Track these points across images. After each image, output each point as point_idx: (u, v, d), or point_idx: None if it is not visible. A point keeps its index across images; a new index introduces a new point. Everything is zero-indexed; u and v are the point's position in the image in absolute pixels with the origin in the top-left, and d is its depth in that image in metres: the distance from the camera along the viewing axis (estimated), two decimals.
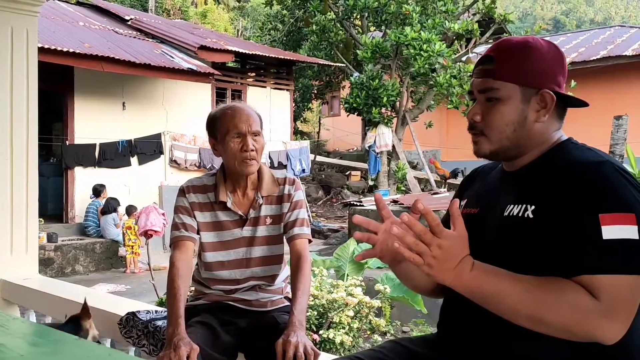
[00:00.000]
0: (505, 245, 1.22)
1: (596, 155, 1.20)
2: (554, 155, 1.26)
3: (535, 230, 1.17)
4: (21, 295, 3.04)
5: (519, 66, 1.27)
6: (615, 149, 7.49)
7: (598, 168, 1.15)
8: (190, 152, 11.20)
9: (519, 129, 1.27)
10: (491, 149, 1.31)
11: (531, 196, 1.22)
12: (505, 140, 1.28)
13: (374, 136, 13.36)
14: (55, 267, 8.84)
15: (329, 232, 12.25)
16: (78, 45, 9.22)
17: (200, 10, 25.21)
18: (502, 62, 1.28)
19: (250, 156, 1.85)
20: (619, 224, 1.09)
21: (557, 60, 1.28)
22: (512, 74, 1.27)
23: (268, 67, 13.19)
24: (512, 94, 1.27)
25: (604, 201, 1.11)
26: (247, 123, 1.86)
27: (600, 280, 1.09)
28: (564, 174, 1.18)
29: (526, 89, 1.26)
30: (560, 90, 1.28)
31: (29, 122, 3.15)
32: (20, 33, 3.12)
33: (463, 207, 1.41)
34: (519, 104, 1.27)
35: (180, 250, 1.88)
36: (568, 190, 1.15)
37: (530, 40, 1.30)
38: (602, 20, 41.73)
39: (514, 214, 1.23)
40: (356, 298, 4.22)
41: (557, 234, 1.14)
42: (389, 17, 12.89)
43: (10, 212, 3.09)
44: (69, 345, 0.96)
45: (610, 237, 1.09)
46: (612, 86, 14.50)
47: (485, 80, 1.29)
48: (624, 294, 1.08)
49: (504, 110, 1.27)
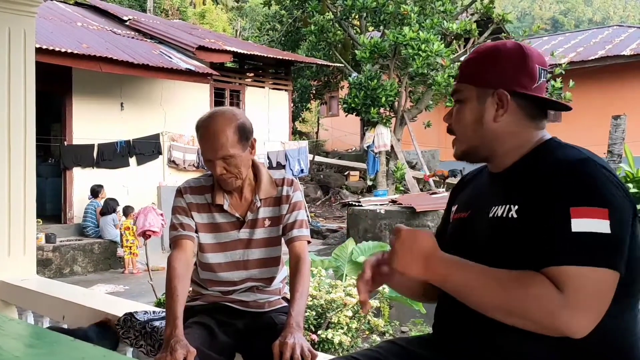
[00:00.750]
0: (493, 246, 1.23)
1: (578, 153, 1.21)
2: (536, 155, 1.28)
3: (519, 230, 1.19)
4: (19, 296, 3.03)
5: (476, 68, 1.33)
6: (614, 149, 7.50)
7: (577, 164, 1.17)
8: (189, 153, 11.19)
9: (478, 129, 1.32)
10: (462, 150, 1.37)
11: (514, 196, 1.23)
12: (470, 140, 1.34)
13: (373, 136, 13.36)
14: (53, 268, 8.82)
15: (327, 232, 12.26)
16: (76, 46, 9.21)
17: (199, 11, 25.20)
18: (464, 66, 1.36)
19: (224, 177, 1.83)
20: (590, 217, 1.10)
21: (519, 62, 1.30)
22: (470, 76, 1.33)
23: (266, 68, 13.19)
24: (470, 95, 1.33)
25: (577, 195, 1.12)
26: (213, 149, 1.79)
27: (565, 271, 1.09)
28: (545, 173, 1.19)
29: (481, 89, 1.31)
30: (525, 91, 1.28)
31: (26, 122, 3.15)
32: (18, 34, 3.12)
33: (454, 212, 1.44)
34: (475, 105, 1.32)
35: (179, 250, 1.87)
36: (547, 187, 1.16)
37: (499, 44, 1.34)
38: (601, 19, 41.78)
39: (498, 214, 1.25)
40: (355, 298, 4.22)
41: (537, 231, 1.15)
42: (388, 17, 12.90)
43: (8, 213, 3.09)
44: (65, 346, 0.96)
45: (578, 230, 1.09)
46: (610, 86, 14.52)
47: (455, 84, 1.38)
48: (589, 287, 1.08)
49: (464, 111, 1.34)
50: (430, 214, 8.73)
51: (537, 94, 1.30)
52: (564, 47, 16.34)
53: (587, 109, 14.15)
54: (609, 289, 1.10)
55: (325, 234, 12.16)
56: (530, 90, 1.29)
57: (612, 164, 7.28)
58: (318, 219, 13.80)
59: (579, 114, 14.87)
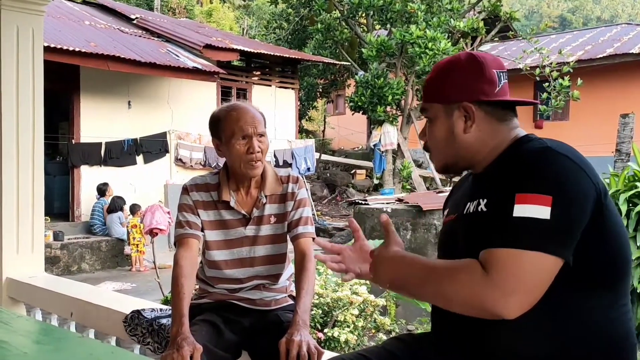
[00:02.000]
0: (470, 242, 1.26)
1: (538, 144, 1.24)
2: (507, 153, 1.31)
3: (487, 222, 1.21)
4: (27, 293, 3.05)
5: (438, 86, 1.38)
6: (622, 147, 7.46)
7: (532, 154, 1.20)
8: (196, 151, 11.21)
9: (451, 143, 1.36)
10: (441, 165, 1.43)
11: (484, 191, 1.27)
12: (446, 154, 1.39)
13: (379, 135, 13.35)
14: (61, 266, 8.87)
15: (334, 230, 12.26)
16: (84, 44, 9.25)
17: (206, 9, 25.24)
18: (427, 85, 1.41)
19: (257, 158, 1.84)
20: (532, 203, 1.13)
21: (476, 72, 1.33)
22: (433, 95, 1.38)
23: (273, 66, 13.19)
24: (437, 113, 1.38)
25: (524, 182, 1.16)
26: (253, 125, 1.84)
27: (496, 253, 1.13)
28: (507, 166, 1.23)
29: (447, 105, 1.35)
30: (489, 97, 1.32)
31: (35, 121, 3.16)
32: (26, 32, 3.13)
33: (445, 217, 1.49)
34: (444, 121, 1.36)
35: (184, 248, 1.88)
36: (505, 178, 1.20)
37: (453, 58, 1.39)
38: (609, 17, 41.52)
39: (470, 210, 1.29)
40: (361, 296, 4.22)
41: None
42: (394, 16, 12.87)
43: (16, 211, 3.10)
44: (72, 343, 0.96)
45: (518, 215, 1.13)
46: (618, 84, 14.42)
47: (422, 103, 1.42)
48: (518, 268, 1.11)
49: (435, 128, 1.39)
50: (436, 212, 8.70)
51: (501, 97, 1.33)
52: (572, 45, 16.25)
53: (595, 108, 14.07)
54: (542, 273, 1.12)
55: (331, 232, 12.16)
56: (493, 96, 1.32)
57: (620, 162, 7.24)
58: (324, 217, 13.80)
59: (587, 112, 14.84)
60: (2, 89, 3.06)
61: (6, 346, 0.94)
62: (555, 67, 12.23)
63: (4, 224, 3.08)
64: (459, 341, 1.28)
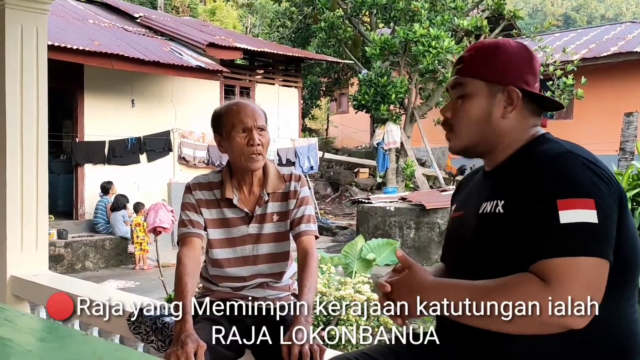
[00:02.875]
0: (482, 243, 1.24)
1: (559, 147, 1.22)
2: (524, 151, 1.29)
3: (505, 225, 1.19)
4: (31, 291, 3.06)
5: (485, 64, 1.31)
6: (626, 146, 7.44)
7: (558, 157, 1.18)
8: (199, 150, 11.23)
9: (484, 125, 1.31)
10: (461, 145, 1.35)
11: (501, 192, 1.24)
12: (472, 136, 1.33)
13: (383, 133, 13.34)
14: (65, 264, 8.90)
15: (337, 229, 12.26)
16: (88, 43, 9.26)
17: (209, 8, 25.24)
18: (470, 60, 1.33)
19: (257, 151, 1.85)
20: (578, 208, 1.10)
21: (525, 60, 1.31)
22: (479, 71, 1.31)
23: (276, 64, 13.19)
24: (478, 91, 1.31)
25: (562, 187, 1.13)
26: (253, 118, 1.87)
27: (555, 263, 1.09)
28: (528, 167, 1.20)
29: (492, 85, 1.30)
30: (530, 88, 1.30)
31: (39, 119, 3.17)
32: (30, 31, 3.14)
33: (452, 212, 1.46)
34: (484, 100, 1.30)
35: (187, 247, 1.88)
36: (530, 181, 1.17)
37: (501, 41, 1.34)
38: (613, 16, 41.37)
39: (487, 211, 1.26)
40: (364, 295, 4.22)
41: (523, 225, 1.16)
42: (398, 14, 12.85)
43: (20, 209, 3.11)
44: (76, 340, 0.97)
45: (567, 221, 1.10)
46: (622, 83, 14.38)
47: (455, 77, 1.34)
48: (582, 277, 1.09)
49: (470, 106, 1.32)
50: (440, 211, 8.71)
51: (539, 92, 1.32)
52: (576, 44, 16.21)
53: (599, 106, 14.04)
54: (601, 278, 1.11)
55: (334, 231, 12.16)
56: (534, 89, 1.31)
57: (624, 161, 7.22)
58: (328, 216, 13.80)
59: (591, 111, 14.80)
60: (7, 88, 3.07)
61: (10, 344, 0.95)
62: (559, 66, 12.20)
63: (9, 222, 3.09)
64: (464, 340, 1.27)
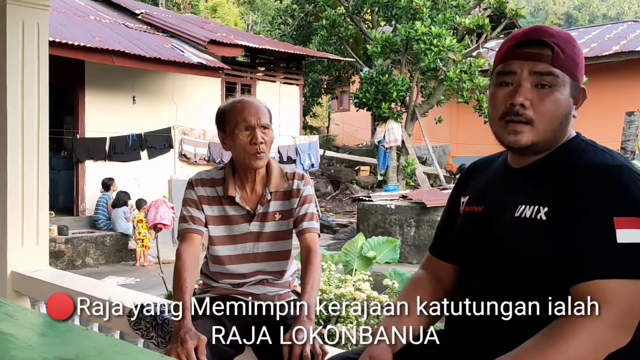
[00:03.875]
0: (517, 247, 1.19)
1: (612, 159, 1.17)
2: (564, 153, 1.23)
3: (548, 233, 1.15)
4: (32, 287, 3.07)
5: (573, 58, 1.23)
6: (627, 145, 7.44)
7: (614, 172, 1.13)
8: (200, 147, 11.23)
9: (564, 122, 1.23)
10: (534, 140, 1.22)
11: (544, 197, 1.18)
12: (551, 131, 1.22)
13: (384, 131, 13.34)
14: (65, 260, 8.91)
15: (337, 227, 12.26)
16: (89, 39, 9.26)
17: (211, 5, 25.22)
18: (562, 51, 1.22)
19: (260, 149, 1.85)
20: (635, 227, 1.06)
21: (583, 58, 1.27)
22: (570, 65, 1.22)
23: (278, 62, 13.18)
24: (563, 84, 1.21)
25: (619, 205, 1.09)
26: (256, 116, 1.86)
27: (609, 285, 1.06)
28: (579, 177, 1.15)
29: (574, 82, 1.23)
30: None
31: (40, 115, 3.17)
32: (32, 27, 3.14)
33: (465, 204, 1.38)
34: (569, 97, 1.22)
35: (187, 243, 1.89)
36: (583, 193, 1.12)
37: (568, 34, 1.28)
38: (615, 15, 41.30)
39: (526, 215, 1.19)
40: (364, 293, 4.22)
41: (571, 238, 1.11)
42: (399, 12, 12.84)
43: (21, 205, 3.12)
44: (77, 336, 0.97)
45: (624, 241, 1.06)
46: (624, 82, 14.36)
47: (546, 65, 1.20)
48: (634, 300, 1.06)
49: (560, 100, 1.21)
50: (440, 209, 8.68)
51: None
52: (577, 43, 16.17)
53: (601, 105, 14.01)
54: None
55: (335, 228, 12.16)
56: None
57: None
58: (328, 213, 13.81)
59: (592, 110, 14.73)
60: (8, 84, 3.07)
61: (11, 338, 0.95)
62: None
63: (9, 217, 3.09)
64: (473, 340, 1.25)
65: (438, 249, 1.47)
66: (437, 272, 1.44)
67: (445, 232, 1.45)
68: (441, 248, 1.46)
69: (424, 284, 1.43)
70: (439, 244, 1.48)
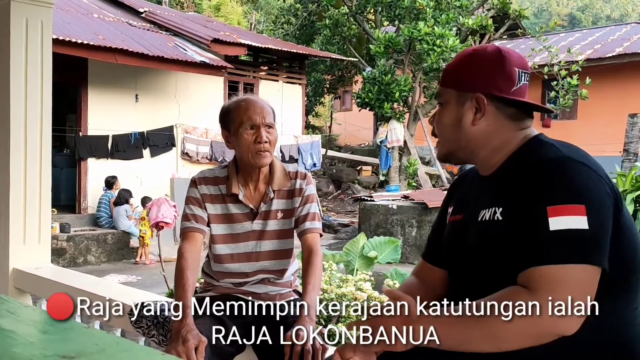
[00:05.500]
0: (482, 249, 1.25)
1: (555, 151, 1.21)
2: (518, 156, 1.28)
3: (504, 232, 1.19)
4: (33, 284, 3.07)
5: (456, 72, 1.36)
6: (630, 147, 7.43)
7: (552, 163, 1.17)
8: (202, 145, 11.24)
9: (456, 132, 1.34)
10: (443, 152, 1.40)
11: (499, 198, 1.24)
12: (449, 142, 1.37)
13: (386, 131, 13.34)
14: (67, 257, 8.93)
15: (339, 226, 12.27)
16: (92, 37, 9.27)
17: (214, 3, 25.23)
18: (446, 70, 1.39)
19: (264, 148, 1.85)
20: (567, 214, 1.10)
21: (496, 65, 1.30)
22: (450, 80, 1.36)
23: (280, 61, 13.18)
24: (450, 99, 1.35)
25: (553, 194, 1.13)
26: (261, 115, 1.86)
27: (543, 271, 1.10)
28: (524, 173, 1.20)
29: (461, 93, 1.33)
30: (504, 94, 1.29)
31: (43, 113, 3.18)
32: (35, 24, 3.14)
33: (450, 214, 1.45)
34: (454, 108, 1.34)
35: (189, 242, 1.89)
36: (525, 188, 1.17)
37: (476, 48, 1.37)
38: (619, 17, 41.23)
39: (486, 218, 1.26)
40: (365, 293, 4.23)
41: (518, 233, 1.16)
42: (403, 12, 12.84)
43: (23, 202, 3.12)
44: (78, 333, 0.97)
45: (556, 228, 1.10)
46: (627, 84, 14.34)
47: (438, 88, 1.41)
48: (571, 284, 1.08)
49: (444, 114, 1.37)
50: None
51: (517, 96, 1.30)
52: (581, 44, 16.16)
53: (604, 107, 13.99)
54: (590, 285, 1.10)
55: (336, 228, 12.17)
56: (509, 94, 1.29)
57: (627, 162, 7.21)
58: (330, 213, 13.81)
59: (595, 112, 14.75)
60: (11, 81, 3.08)
61: (13, 335, 0.95)
62: (564, 66, 12.17)
63: (12, 214, 3.10)
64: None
65: (430, 255, 1.54)
66: (429, 278, 1.50)
67: (436, 239, 1.52)
68: (433, 254, 1.52)
69: (413, 289, 1.48)
70: (430, 250, 1.54)
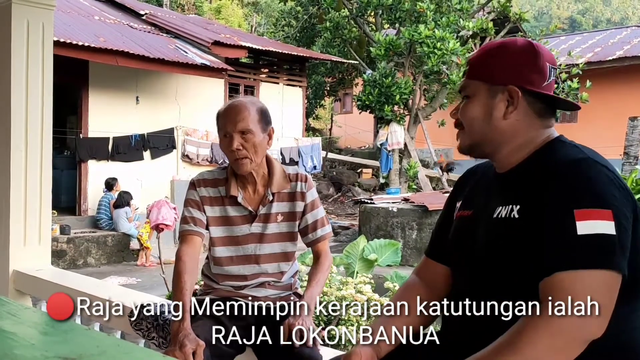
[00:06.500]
0: (495, 247, 1.23)
1: (578, 152, 1.20)
2: (540, 155, 1.27)
3: (520, 231, 1.18)
4: (33, 286, 3.07)
5: (486, 64, 1.33)
6: (630, 150, 7.43)
7: (577, 165, 1.16)
8: (203, 147, 11.25)
9: (485, 124, 1.31)
10: (467, 144, 1.36)
11: (517, 197, 1.22)
12: (476, 135, 1.33)
13: (386, 134, 13.34)
14: (67, 259, 8.92)
15: (339, 229, 12.26)
16: (93, 39, 9.28)
17: (215, 6, 25.26)
18: (474, 62, 1.36)
19: (238, 155, 1.82)
20: (596, 219, 1.08)
21: (529, 58, 1.29)
22: (479, 72, 1.33)
23: (281, 64, 13.19)
24: (478, 91, 1.32)
25: (580, 197, 1.11)
26: (234, 122, 1.82)
27: (575, 276, 1.08)
28: (545, 173, 1.18)
29: (492, 85, 1.30)
30: (534, 88, 1.27)
31: (43, 115, 3.18)
32: (36, 26, 3.14)
33: (458, 209, 1.43)
34: (484, 100, 1.31)
35: (187, 245, 1.88)
36: (547, 188, 1.15)
37: (506, 41, 1.34)
38: (619, 20, 41.25)
39: (501, 215, 1.24)
40: (365, 295, 4.22)
41: (538, 233, 1.14)
42: (403, 15, 12.84)
43: (24, 204, 3.12)
44: (79, 334, 0.97)
45: (584, 233, 1.08)
46: (628, 87, 14.35)
47: (463, 80, 1.38)
48: (597, 289, 1.07)
49: (472, 106, 1.33)
50: None
51: (547, 92, 1.29)
52: (581, 47, 16.17)
53: (604, 110, 14.00)
54: (613, 290, 1.09)
55: (337, 230, 12.16)
56: (540, 88, 1.28)
57: (627, 165, 7.21)
58: (330, 215, 13.81)
59: (596, 115, 14.76)
60: (12, 83, 3.08)
61: (13, 337, 0.95)
62: (564, 69, 12.17)
63: (12, 216, 3.09)
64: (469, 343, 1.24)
65: (434, 252, 1.51)
66: (431, 277, 1.48)
67: (441, 235, 1.49)
68: (437, 250, 1.49)
69: (415, 289, 1.47)
70: (435, 246, 1.51)
